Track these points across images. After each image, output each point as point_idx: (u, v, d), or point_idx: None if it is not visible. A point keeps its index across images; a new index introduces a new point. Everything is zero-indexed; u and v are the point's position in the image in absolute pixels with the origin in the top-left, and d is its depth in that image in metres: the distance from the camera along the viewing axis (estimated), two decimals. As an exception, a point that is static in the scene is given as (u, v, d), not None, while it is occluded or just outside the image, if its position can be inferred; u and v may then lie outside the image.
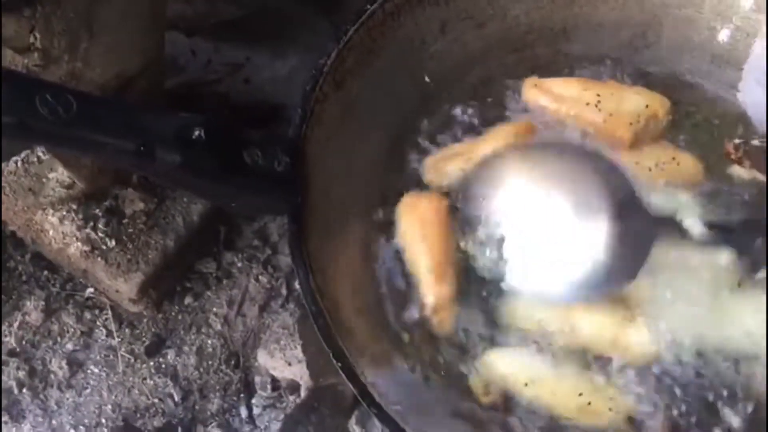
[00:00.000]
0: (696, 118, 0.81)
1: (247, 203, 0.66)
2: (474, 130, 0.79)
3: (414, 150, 0.78)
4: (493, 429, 0.67)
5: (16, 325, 1.13)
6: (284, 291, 1.17)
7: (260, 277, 1.18)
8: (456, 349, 0.70)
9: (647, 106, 0.76)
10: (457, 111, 0.80)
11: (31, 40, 0.81)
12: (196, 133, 0.59)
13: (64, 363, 1.11)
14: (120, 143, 0.57)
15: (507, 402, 0.67)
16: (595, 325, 0.69)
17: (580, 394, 0.66)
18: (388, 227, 0.74)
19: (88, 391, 1.10)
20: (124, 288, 1.09)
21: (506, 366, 0.68)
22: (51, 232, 1.09)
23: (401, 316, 0.71)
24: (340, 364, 0.60)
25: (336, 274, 0.66)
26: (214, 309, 1.16)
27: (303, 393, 1.07)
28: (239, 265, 1.19)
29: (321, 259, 0.64)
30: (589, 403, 0.66)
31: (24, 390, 1.09)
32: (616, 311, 0.69)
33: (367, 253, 0.72)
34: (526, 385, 0.66)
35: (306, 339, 0.92)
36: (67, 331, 1.13)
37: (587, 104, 0.75)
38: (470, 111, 0.81)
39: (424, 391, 0.67)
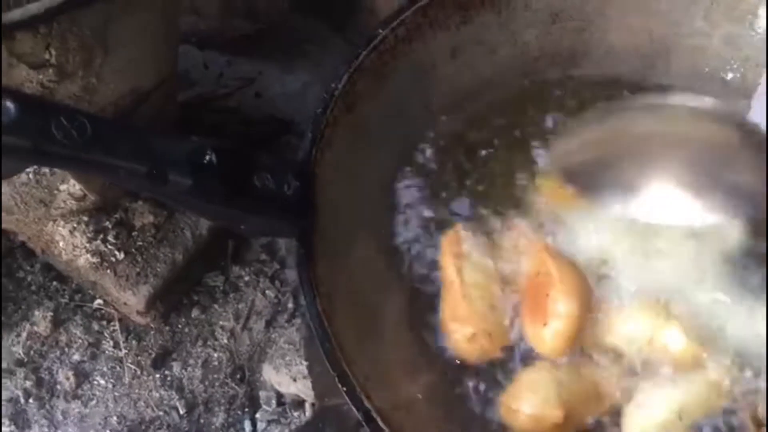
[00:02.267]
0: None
1: (257, 226, 0.67)
2: (483, 154, 0.79)
3: (422, 174, 0.79)
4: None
5: (24, 335, 1.14)
6: (291, 306, 1.18)
7: (267, 291, 1.19)
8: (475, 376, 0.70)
9: None
10: (468, 135, 0.81)
11: (47, 56, 0.82)
12: (207, 157, 0.59)
13: (70, 374, 1.12)
14: (132, 166, 0.57)
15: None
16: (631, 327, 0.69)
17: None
18: (398, 251, 0.75)
19: (94, 402, 1.11)
20: (133, 300, 1.10)
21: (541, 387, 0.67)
22: (61, 244, 1.10)
23: (412, 339, 0.71)
24: (345, 389, 0.60)
25: (343, 298, 0.66)
26: (221, 322, 1.17)
27: (308, 409, 1.07)
28: (246, 278, 1.20)
29: (329, 282, 0.65)
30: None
31: (30, 400, 1.10)
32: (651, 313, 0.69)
33: (379, 275, 0.73)
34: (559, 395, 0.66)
35: (312, 359, 0.92)
36: (75, 342, 1.14)
37: None
38: (480, 135, 0.81)
39: (431, 415, 0.67)
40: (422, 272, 0.74)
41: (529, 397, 0.66)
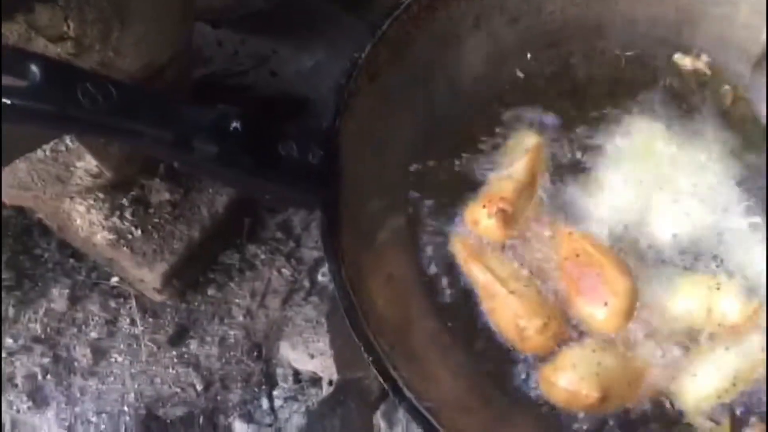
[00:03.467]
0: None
1: (281, 195, 0.66)
2: (507, 127, 0.78)
3: (447, 144, 0.78)
4: (530, 423, 0.67)
5: (41, 312, 1.14)
6: (307, 284, 1.17)
7: (283, 269, 1.18)
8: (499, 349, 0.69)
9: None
10: (491, 107, 0.80)
11: (65, 29, 0.81)
12: (234, 125, 0.59)
13: (88, 351, 1.12)
14: (158, 133, 0.57)
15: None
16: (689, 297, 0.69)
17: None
18: (423, 219, 0.74)
19: (111, 379, 1.11)
20: (149, 277, 1.10)
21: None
22: (78, 221, 1.09)
23: (440, 310, 0.71)
24: (371, 358, 0.60)
25: (369, 267, 0.66)
26: (237, 300, 1.17)
27: (324, 386, 1.07)
28: (262, 257, 1.19)
29: (353, 252, 0.64)
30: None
31: (48, 376, 1.10)
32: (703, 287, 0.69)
33: (403, 246, 0.72)
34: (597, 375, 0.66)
35: (334, 331, 0.91)
36: (92, 320, 1.14)
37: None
38: (503, 108, 0.80)
39: (457, 388, 0.66)
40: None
41: (568, 372, 0.66)
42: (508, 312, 0.69)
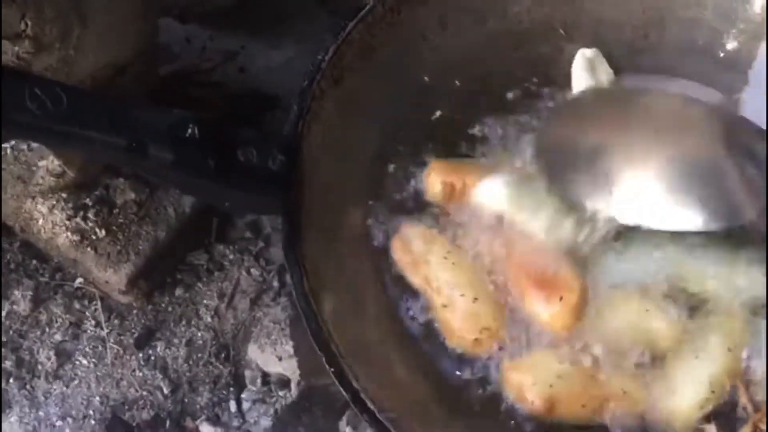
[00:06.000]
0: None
1: (241, 202, 0.65)
2: (473, 127, 0.78)
3: (411, 148, 0.77)
4: (488, 426, 0.66)
5: (3, 314, 1.12)
6: (276, 284, 1.16)
7: (252, 269, 1.17)
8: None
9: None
10: (457, 108, 0.79)
11: (22, 27, 0.79)
12: (190, 130, 0.58)
13: (52, 353, 1.10)
14: (111, 139, 0.55)
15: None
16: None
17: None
18: (383, 226, 0.74)
19: (76, 382, 1.09)
20: (114, 279, 1.08)
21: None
22: (40, 221, 1.07)
23: (401, 316, 0.70)
24: (332, 369, 0.59)
25: (331, 276, 0.65)
26: (205, 301, 1.15)
27: (293, 388, 1.06)
28: (231, 257, 1.18)
29: (315, 260, 0.63)
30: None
31: (11, 380, 1.08)
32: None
33: (365, 253, 0.71)
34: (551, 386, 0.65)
35: (298, 339, 0.91)
36: (56, 322, 1.12)
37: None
38: (470, 108, 0.79)
39: (419, 393, 0.66)
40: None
41: (523, 374, 0.66)
42: (442, 323, 0.69)
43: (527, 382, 0.65)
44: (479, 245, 0.72)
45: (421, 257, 0.71)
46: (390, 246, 0.73)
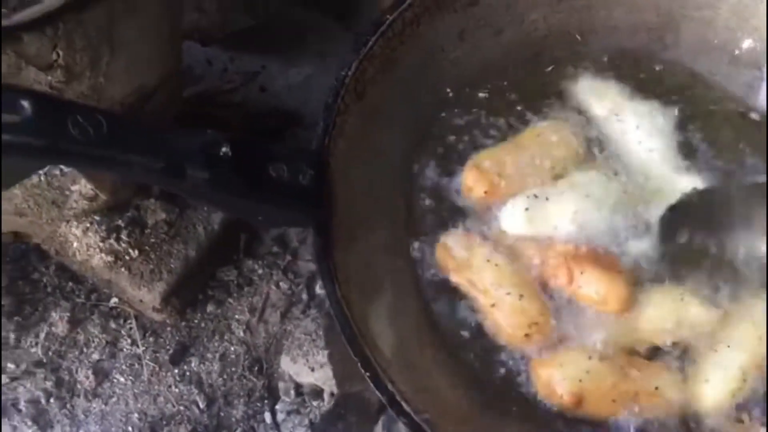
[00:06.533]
0: (716, 117, 0.81)
1: (274, 216, 0.67)
2: (494, 137, 0.79)
3: (435, 158, 0.79)
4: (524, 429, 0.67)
5: (42, 336, 1.15)
6: (305, 296, 1.18)
7: (281, 283, 1.19)
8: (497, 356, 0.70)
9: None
10: (478, 118, 0.81)
11: (54, 57, 0.82)
12: (223, 149, 0.60)
13: (90, 372, 1.13)
14: (149, 162, 0.57)
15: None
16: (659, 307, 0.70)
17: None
18: (413, 233, 0.75)
19: (114, 399, 1.12)
20: (148, 297, 1.10)
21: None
22: (75, 244, 1.10)
23: (437, 321, 0.71)
24: (368, 374, 0.60)
25: (363, 284, 0.66)
26: (237, 316, 1.17)
27: (326, 398, 1.08)
28: (260, 272, 1.20)
29: (347, 269, 0.65)
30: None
31: (51, 400, 1.11)
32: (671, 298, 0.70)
33: (400, 260, 0.73)
34: (580, 381, 0.66)
35: (332, 346, 0.92)
36: (93, 341, 1.15)
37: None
38: (491, 118, 0.81)
39: (454, 397, 0.67)
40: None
41: (553, 369, 0.68)
42: (493, 323, 0.70)
43: (556, 377, 0.67)
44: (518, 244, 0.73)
45: (465, 262, 0.72)
46: (425, 252, 0.74)
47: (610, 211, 0.74)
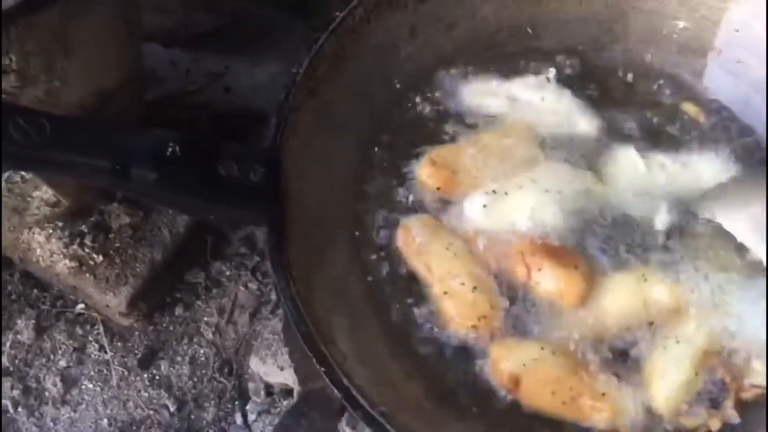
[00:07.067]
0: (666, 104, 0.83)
1: (226, 215, 0.67)
2: (448, 133, 0.80)
3: (389, 153, 0.79)
4: (479, 421, 0.68)
5: (8, 344, 1.14)
6: (273, 297, 1.18)
7: (249, 284, 1.19)
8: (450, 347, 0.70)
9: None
10: (430, 113, 0.81)
11: (6, 62, 0.81)
12: (171, 149, 0.60)
13: (58, 380, 1.12)
14: (95, 163, 0.57)
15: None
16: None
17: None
18: (370, 228, 0.75)
19: (83, 406, 1.11)
20: (114, 302, 1.10)
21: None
22: (38, 251, 1.09)
23: (389, 314, 0.72)
24: (323, 369, 0.61)
25: (319, 280, 0.67)
26: (205, 318, 1.17)
27: (296, 397, 1.08)
28: (228, 273, 1.20)
29: (302, 266, 0.65)
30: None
31: (19, 408, 1.10)
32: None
33: (355, 256, 0.73)
34: (524, 365, 0.67)
35: (292, 345, 0.92)
36: (60, 348, 1.14)
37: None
38: (443, 112, 0.81)
39: (413, 391, 0.67)
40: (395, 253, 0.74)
41: (502, 351, 0.69)
42: (442, 310, 0.71)
43: (502, 356, 0.68)
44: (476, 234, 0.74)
45: (424, 247, 0.72)
46: (382, 246, 0.74)
47: (569, 205, 0.74)
